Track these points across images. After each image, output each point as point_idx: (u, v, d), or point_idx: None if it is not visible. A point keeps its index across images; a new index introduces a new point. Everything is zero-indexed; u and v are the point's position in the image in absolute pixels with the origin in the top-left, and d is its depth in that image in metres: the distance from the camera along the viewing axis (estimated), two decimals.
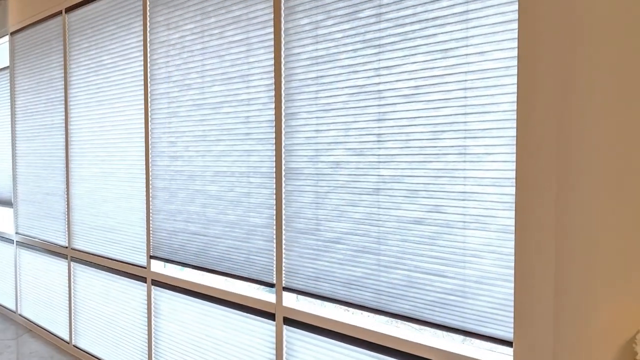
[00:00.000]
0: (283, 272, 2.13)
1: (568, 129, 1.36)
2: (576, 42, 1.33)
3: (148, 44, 2.76)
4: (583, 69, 1.33)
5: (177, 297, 2.70)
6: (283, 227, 2.13)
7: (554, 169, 1.38)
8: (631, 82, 1.27)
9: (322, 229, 1.99)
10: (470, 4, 1.55)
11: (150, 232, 2.82)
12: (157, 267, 2.85)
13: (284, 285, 2.13)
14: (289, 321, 2.13)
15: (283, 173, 2.12)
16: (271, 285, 2.18)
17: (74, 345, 3.53)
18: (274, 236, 2.17)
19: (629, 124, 1.27)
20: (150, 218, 2.81)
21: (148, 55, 2.76)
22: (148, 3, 2.75)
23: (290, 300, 2.16)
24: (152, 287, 2.84)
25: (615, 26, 1.28)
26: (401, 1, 1.71)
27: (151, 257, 2.82)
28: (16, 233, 4.18)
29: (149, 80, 2.77)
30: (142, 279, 2.91)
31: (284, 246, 2.13)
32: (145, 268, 2.88)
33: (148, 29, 2.75)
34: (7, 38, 4.21)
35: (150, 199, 2.80)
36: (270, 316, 2.21)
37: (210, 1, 2.39)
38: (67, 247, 3.54)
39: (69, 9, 3.38)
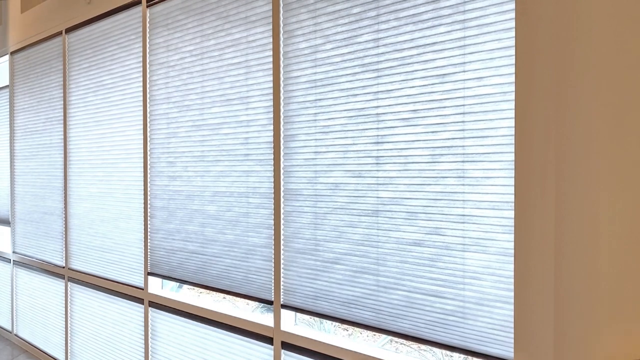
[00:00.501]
0: (281, 290, 2.12)
1: (566, 154, 1.37)
2: (574, 64, 1.35)
3: (148, 65, 2.78)
4: (581, 91, 1.34)
5: (174, 319, 2.68)
6: (282, 247, 2.13)
7: (553, 193, 1.39)
8: (630, 104, 1.28)
9: (321, 249, 1.98)
10: (467, 30, 1.57)
11: (148, 250, 2.81)
12: (154, 288, 2.84)
13: (282, 302, 2.12)
14: (287, 345, 2.12)
15: (282, 194, 2.12)
16: (269, 303, 2.17)
17: None
18: (273, 256, 2.16)
19: (628, 151, 1.28)
20: (149, 237, 2.80)
21: (147, 76, 2.78)
22: (148, 25, 2.77)
23: (289, 324, 2.15)
24: (149, 308, 2.82)
25: (614, 50, 1.30)
26: (399, 27, 1.73)
27: (149, 273, 2.80)
28: (13, 252, 4.16)
29: (148, 100, 2.79)
30: (140, 301, 2.89)
31: (282, 266, 2.13)
32: (142, 289, 2.87)
33: (148, 50, 2.78)
34: (7, 57, 4.24)
35: (149, 218, 2.80)
36: (268, 340, 2.19)
37: (209, 24, 2.42)
38: (64, 267, 3.51)
39: (69, 30, 3.41)
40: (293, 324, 2.18)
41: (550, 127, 1.39)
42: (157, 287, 2.85)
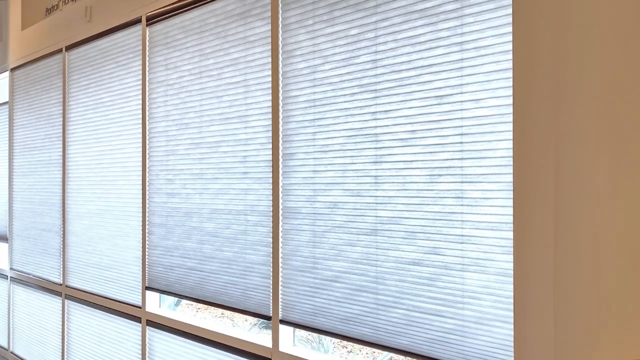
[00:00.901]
0: (280, 307, 2.11)
1: (565, 175, 1.37)
2: (574, 85, 1.37)
3: (147, 83, 2.80)
4: (580, 110, 1.35)
5: (171, 338, 2.65)
6: (280, 264, 2.13)
7: (551, 214, 1.39)
8: (630, 132, 1.29)
9: (320, 267, 1.98)
10: (465, 52, 1.59)
11: (146, 266, 2.80)
12: (152, 306, 2.82)
13: (280, 318, 2.11)
14: None
15: (280, 212, 2.12)
16: (268, 319, 2.17)
17: None
18: (271, 273, 2.16)
19: (629, 171, 1.29)
20: (147, 253, 2.79)
21: (147, 94, 2.80)
22: (147, 43, 2.80)
23: (287, 345, 2.13)
24: (147, 327, 2.80)
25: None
26: (397, 48, 1.75)
27: (147, 288, 2.78)
28: (10, 269, 4.14)
29: (147, 118, 2.80)
30: (137, 319, 2.87)
31: (280, 283, 2.12)
32: (140, 308, 2.85)
33: (147, 69, 2.80)
34: (7, 74, 4.26)
35: (147, 234, 2.79)
36: None
37: (208, 43, 2.44)
38: (61, 285, 3.49)
39: (70, 47, 3.43)
40: (291, 344, 2.16)
41: (549, 147, 1.39)
42: (155, 306, 2.83)
